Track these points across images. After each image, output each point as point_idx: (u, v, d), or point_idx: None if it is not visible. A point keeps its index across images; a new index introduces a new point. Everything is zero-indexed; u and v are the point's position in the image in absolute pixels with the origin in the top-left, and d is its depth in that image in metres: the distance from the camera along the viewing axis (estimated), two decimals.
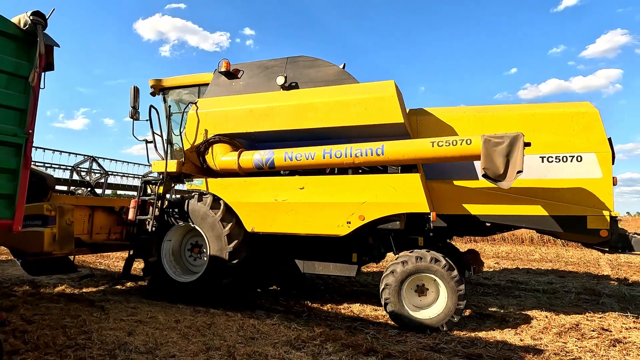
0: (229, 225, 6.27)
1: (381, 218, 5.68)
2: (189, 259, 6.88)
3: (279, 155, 6.17)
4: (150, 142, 7.42)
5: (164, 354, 4.28)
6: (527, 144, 5.09)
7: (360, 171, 6.24)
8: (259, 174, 6.49)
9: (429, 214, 5.50)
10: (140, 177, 9.93)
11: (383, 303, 5.71)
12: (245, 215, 6.39)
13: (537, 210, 5.51)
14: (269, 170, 6.34)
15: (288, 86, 6.53)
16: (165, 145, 7.68)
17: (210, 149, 6.71)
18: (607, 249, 5.55)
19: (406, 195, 5.54)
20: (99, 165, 8.59)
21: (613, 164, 5.47)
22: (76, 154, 8.43)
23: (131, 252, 6.68)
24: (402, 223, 5.69)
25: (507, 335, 5.32)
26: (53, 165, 7.92)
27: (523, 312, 6.46)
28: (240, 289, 6.85)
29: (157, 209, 6.51)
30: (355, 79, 6.28)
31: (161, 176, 6.77)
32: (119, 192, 9.40)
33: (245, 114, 6.55)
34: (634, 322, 5.96)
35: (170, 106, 7.82)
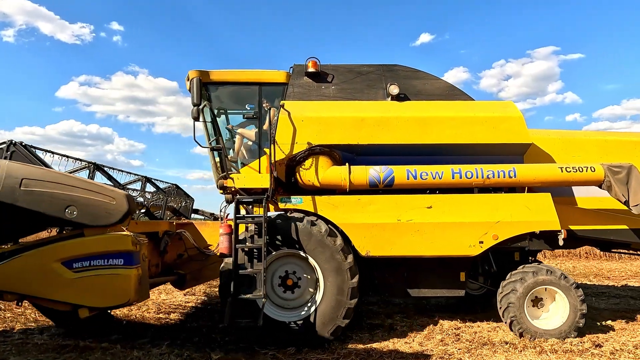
0: (343, 247, 5.48)
1: (512, 237, 5.75)
2: (280, 292, 5.71)
3: (400, 173, 5.67)
4: (217, 149, 5.94)
5: None
6: None
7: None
8: (367, 192, 5.82)
9: (560, 231, 5.80)
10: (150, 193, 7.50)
11: (509, 322, 5.72)
12: (359, 237, 5.66)
13: (623, 224, 6.32)
14: (383, 189, 5.77)
15: (396, 97, 6.06)
16: (220, 153, 6.24)
17: (309, 161, 5.74)
18: None
19: (540, 213, 5.74)
20: (108, 175, 6.33)
21: None
22: (78, 159, 6.02)
23: (233, 292, 5.13)
24: (528, 241, 5.86)
25: (398, 344, 5.54)
26: None
27: (408, 320, 6.72)
28: None
29: (264, 235, 5.21)
30: (468, 95, 6.22)
31: (265, 194, 5.46)
32: None
33: (355, 123, 5.82)
34: (496, 323, 6.42)
35: (215, 106, 6.40)
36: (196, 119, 5.64)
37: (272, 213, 5.79)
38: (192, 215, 8.88)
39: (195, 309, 7.53)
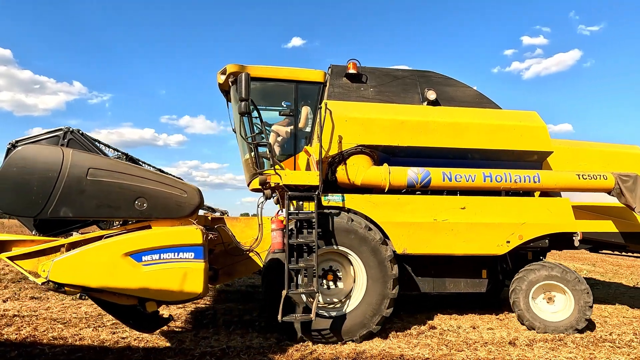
0: (383, 240, 5.68)
1: (535, 237, 6.19)
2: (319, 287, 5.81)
3: (437, 175, 5.95)
4: (262, 145, 5.94)
5: None
6: None
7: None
8: (397, 192, 6.06)
9: (576, 233, 6.31)
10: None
11: (517, 315, 6.18)
12: (398, 235, 5.88)
13: (621, 228, 6.97)
14: (419, 189, 6.03)
15: (431, 102, 6.34)
16: (254, 149, 6.24)
17: (350, 160, 5.88)
18: None
19: (560, 216, 6.21)
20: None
21: None
22: (116, 149, 5.75)
23: (286, 288, 5.15)
24: (547, 241, 6.33)
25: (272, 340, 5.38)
26: None
27: None
28: None
29: (316, 230, 5.29)
30: (495, 102, 6.61)
31: (315, 190, 5.53)
32: None
33: (396, 125, 6.03)
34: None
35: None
36: (243, 113, 5.62)
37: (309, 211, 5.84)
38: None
39: (42, 318, 6.11)
